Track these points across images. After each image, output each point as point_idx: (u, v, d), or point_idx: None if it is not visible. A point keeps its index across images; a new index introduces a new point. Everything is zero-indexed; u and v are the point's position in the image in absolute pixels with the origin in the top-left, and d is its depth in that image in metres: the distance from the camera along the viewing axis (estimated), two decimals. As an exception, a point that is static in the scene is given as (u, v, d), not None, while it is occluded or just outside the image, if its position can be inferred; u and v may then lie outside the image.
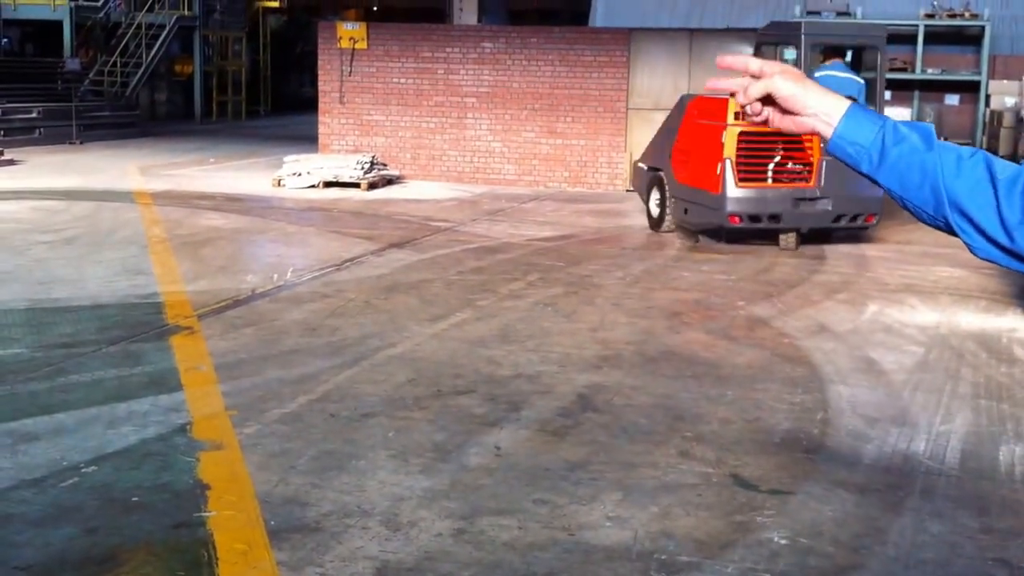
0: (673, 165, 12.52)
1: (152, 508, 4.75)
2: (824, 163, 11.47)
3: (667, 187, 12.65)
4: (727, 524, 4.75)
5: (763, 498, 5.05)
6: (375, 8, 45.94)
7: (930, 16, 29.42)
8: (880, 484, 5.28)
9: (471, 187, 17.63)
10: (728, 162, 11.51)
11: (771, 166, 11.80)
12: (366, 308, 8.70)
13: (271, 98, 40.03)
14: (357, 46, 18.31)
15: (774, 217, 11.78)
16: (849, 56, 13.33)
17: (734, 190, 11.53)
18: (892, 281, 10.33)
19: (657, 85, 17.40)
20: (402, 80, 18.36)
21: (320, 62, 18.79)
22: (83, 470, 5.15)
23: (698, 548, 4.51)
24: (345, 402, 6.27)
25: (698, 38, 17.64)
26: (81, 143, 23.79)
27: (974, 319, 8.78)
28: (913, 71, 29.52)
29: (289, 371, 6.86)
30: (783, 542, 4.59)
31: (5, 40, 28.66)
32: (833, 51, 12.70)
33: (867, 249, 12.15)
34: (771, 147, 11.77)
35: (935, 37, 29.66)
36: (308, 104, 30.79)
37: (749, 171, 11.65)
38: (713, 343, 7.89)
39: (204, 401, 6.26)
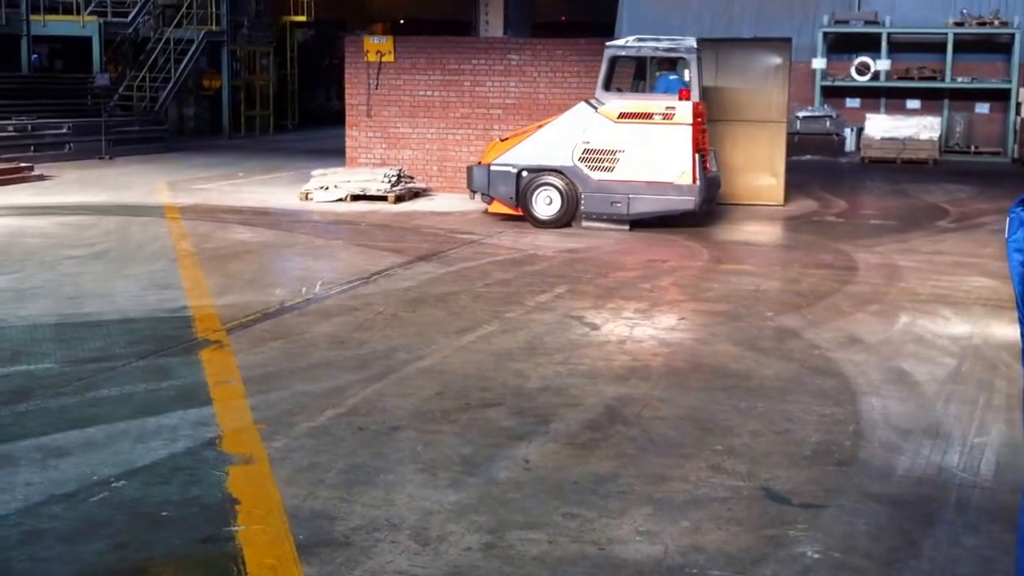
0: (586, 163, 14.05)
1: (181, 522, 4.75)
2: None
3: (579, 185, 14.06)
4: (758, 538, 4.71)
5: (795, 512, 5.00)
6: (402, 21, 46.16)
7: (959, 24, 29.28)
8: (913, 497, 5.22)
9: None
10: (698, 156, 13.79)
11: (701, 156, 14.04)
12: (394, 321, 8.69)
13: (298, 112, 40.21)
14: (384, 59, 18.35)
15: (711, 199, 14.50)
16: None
17: (702, 179, 13.73)
18: (924, 291, 10.25)
19: (684, 96, 17.32)
20: (429, 92, 18.39)
21: (347, 75, 18.84)
22: (113, 484, 5.16)
23: (729, 563, 4.47)
24: (373, 415, 6.26)
25: (724, 48, 17.56)
26: (110, 158, 23.94)
27: (1008, 330, 8.69)
28: (943, 80, 29.39)
29: (317, 384, 6.86)
30: (816, 556, 4.54)
31: (35, 56, 28.89)
32: (668, 63, 14.76)
33: (898, 259, 12.07)
34: (701, 142, 14.12)
35: (964, 45, 29.54)
36: (335, 117, 30.92)
37: (701, 162, 13.90)
38: (742, 355, 7.84)
39: (233, 415, 6.26)
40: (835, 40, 30.73)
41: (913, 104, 30.25)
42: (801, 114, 28.58)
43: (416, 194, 17.49)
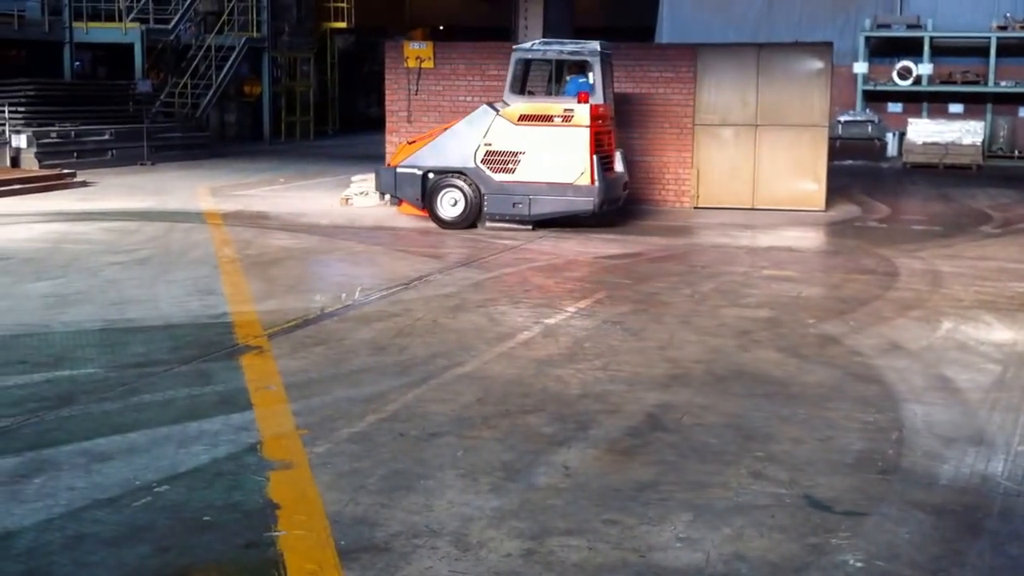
0: (488, 165, 14.41)
1: (223, 527, 4.77)
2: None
3: (482, 186, 14.37)
4: (801, 546, 4.68)
5: (837, 520, 4.97)
6: (441, 27, 46.27)
7: (1002, 28, 29.03)
8: (957, 505, 5.17)
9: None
10: (600, 157, 14.18)
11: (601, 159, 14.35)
12: (434, 327, 8.71)
13: (339, 118, 40.39)
14: (424, 65, 18.38)
15: (614, 200, 14.72)
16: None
17: (602, 180, 14.11)
18: (967, 297, 10.16)
19: (724, 101, 17.29)
20: (468, 98, 18.38)
21: (387, 81, 18.88)
22: (155, 489, 5.19)
23: (772, 571, 4.44)
24: (414, 421, 6.27)
25: (765, 53, 17.49)
26: (152, 164, 24.14)
27: (1052, 336, 8.61)
28: (986, 84, 29.15)
29: (358, 390, 6.88)
30: (859, 565, 4.51)
31: (78, 63, 29.17)
32: (577, 66, 14.86)
33: (941, 265, 11.97)
34: (602, 144, 14.51)
35: (1008, 49, 29.29)
36: (375, 123, 31.00)
37: (604, 164, 14.36)
38: (784, 361, 7.80)
39: (274, 420, 6.29)
40: (877, 44, 30.54)
41: (956, 108, 30.03)
42: (843, 119, 28.42)
43: (456, 200, 17.48)
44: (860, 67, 29.89)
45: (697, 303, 9.81)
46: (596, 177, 14.05)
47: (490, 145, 14.42)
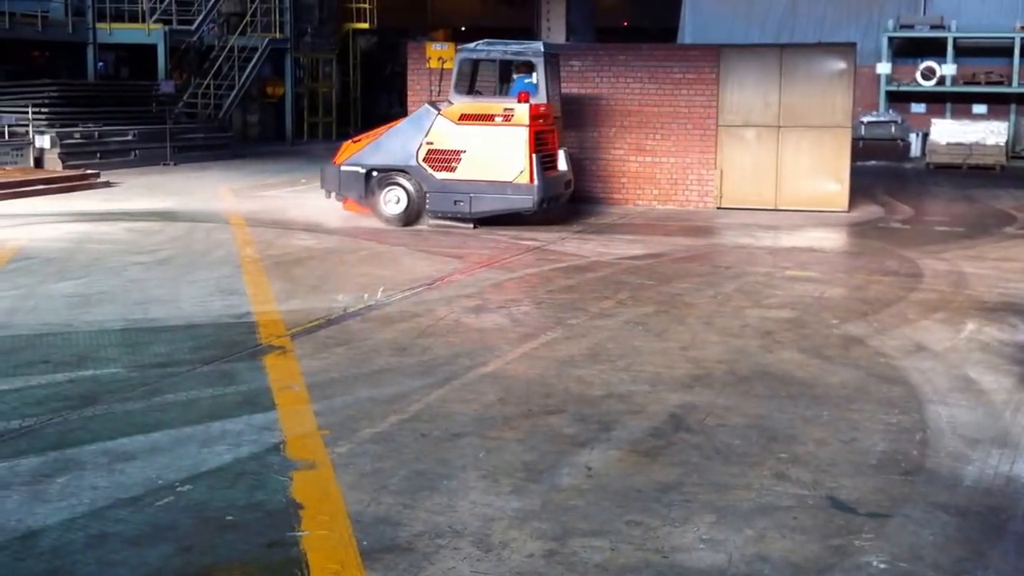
0: (430, 163, 14.59)
1: (246, 527, 4.78)
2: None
3: (424, 184, 14.56)
4: (824, 548, 4.66)
5: (861, 521, 4.94)
6: (463, 28, 46.29)
7: (1027, 28, 28.85)
8: (981, 507, 5.14)
9: (559, 205, 17.61)
10: (540, 156, 14.38)
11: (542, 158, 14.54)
12: (456, 327, 8.71)
13: (361, 118, 40.41)
14: (446, 66, 18.32)
15: (556, 198, 14.93)
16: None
17: (541, 179, 14.28)
18: (991, 299, 10.10)
19: (747, 101, 17.24)
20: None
21: (409, 82, 18.92)
22: (178, 489, 5.21)
23: (795, 572, 4.43)
24: (436, 422, 6.27)
25: (788, 54, 17.43)
26: (175, 164, 24.22)
27: (1077, 337, 8.55)
28: (1010, 84, 28.99)
29: (380, 390, 6.89)
30: (882, 566, 4.48)
31: (101, 64, 29.29)
32: (525, 66, 15.11)
33: (965, 266, 11.91)
34: (545, 143, 14.69)
35: (1032, 49, 29.08)
36: (397, 124, 30.98)
37: (544, 163, 14.52)
38: (807, 362, 7.77)
39: (297, 420, 6.30)
40: (900, 44, 30.41)
41: (979, 109, 29.87)
42: (866, 119, 28.31)
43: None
44: (883, 67, 29.77)
45: (720, 304, 9.79)
46: (535, 176, 14.26)
47: (432, 144, 14.63)
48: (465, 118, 14.55)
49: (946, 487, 5.39)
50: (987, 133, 26.75)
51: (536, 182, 14.26)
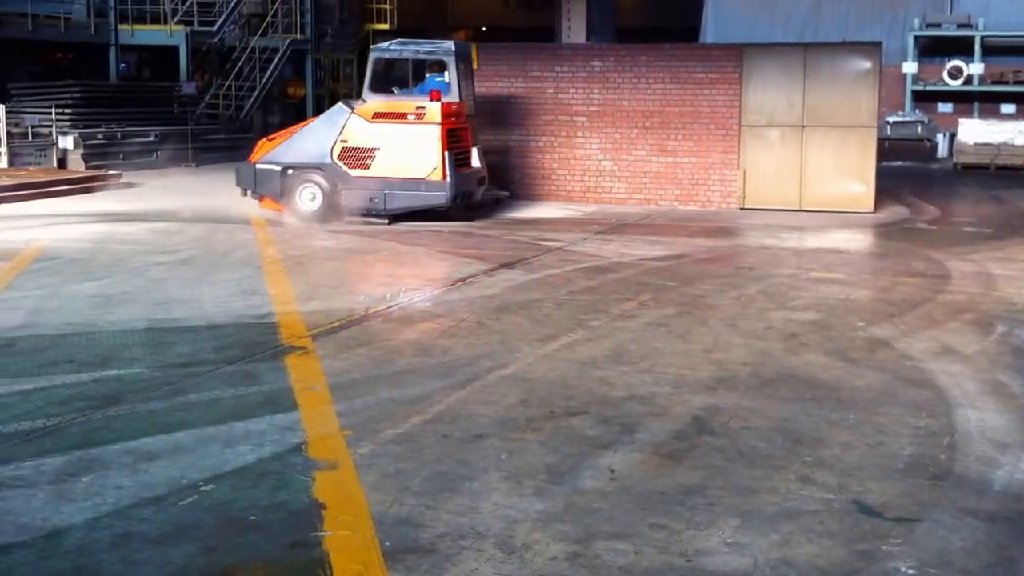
0: (344, 161, 14.91)
1: (269, 527, 4.76)
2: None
3: (339, 182, 14.87)
4: (850, 552, 4.60)
5: (888, 526, 4.89)
6: (484, 28, 46.29)
7: (1053, 27, 28.66)
8: (1011, 512, 5.08)
9: (581, 206, 17.60)
10: (452, 153, 14.73)
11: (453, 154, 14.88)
12: (477, 328, 8.68)
13: (382, 119, 40.37)
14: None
15: (469, 194, 15.38)
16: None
17: (454, 175, 14.68)
18: (1020, 301, 10.02)
19: (771, 101, 17.18)
20: (511, 100, 18.39)
21: (430, 83, 18.88)
22: (201, 488, 5.19)
23: (821, 577, 4.38)
24: (458, 423, 6.24)
25: (812, 53, 17.36)
26: (196, 166, 24.27)
27: (1106, 340, 8.46)
28: (1035, 84, 28.79)
29: (402, 391, 6.86)
30: (910, 572, 4.43)
31: (123, 65, 29.40)
32: (438, 65, 15.51)
33: (993, 268, 11.82)
34: (458, 140, 15.08)
35: (1059, 49, 28.89)
36: (419, 125, 30.99)
37: (457, 159, 14.93)
38: (832, 365, 7.71)
39: (319, 421, 6.28)
40: (926, 44, 30.26)
41: (1008, 109, 29.69)
42: (891, 119, 28.17)
43: (498, 201, 17.50)
44: (909, 67, 29.63)
45: (744, 305, 9.73)
46: (448, 172, 14.55)
47: (346, 142, 14.95)
48: (379, 116, 14.83)
49: (975, 492, 5.33)
50: (1016, 133, 26.56)
51: (449, 179, 14.61)
